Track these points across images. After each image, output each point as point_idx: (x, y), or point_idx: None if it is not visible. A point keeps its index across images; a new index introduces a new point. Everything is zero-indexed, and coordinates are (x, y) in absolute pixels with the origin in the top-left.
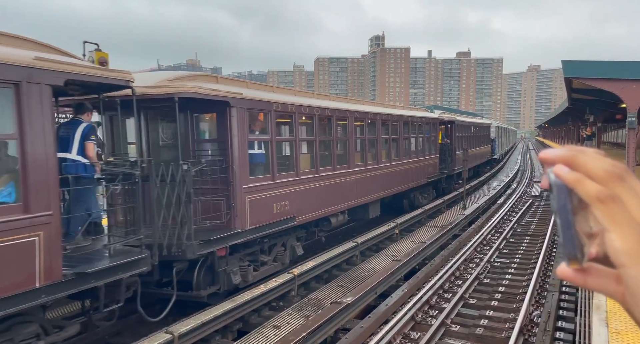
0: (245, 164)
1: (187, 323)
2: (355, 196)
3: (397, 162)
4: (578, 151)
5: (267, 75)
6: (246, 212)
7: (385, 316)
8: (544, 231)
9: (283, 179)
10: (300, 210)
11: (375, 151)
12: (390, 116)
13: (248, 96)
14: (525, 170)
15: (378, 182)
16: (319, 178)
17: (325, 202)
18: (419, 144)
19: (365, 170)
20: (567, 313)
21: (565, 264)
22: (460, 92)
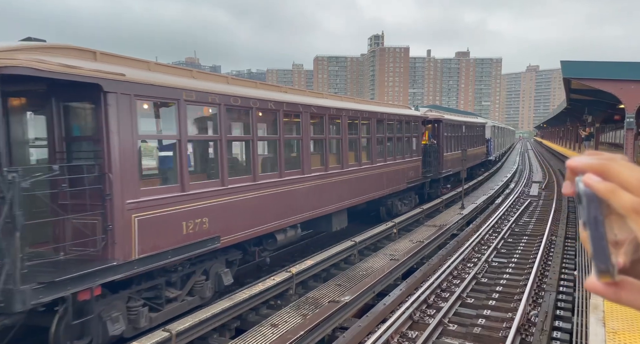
0: (132, 171)
1: (184, 321)
2: (313, 206)
3: (368, 165)
4: (609, 160)
5: (267, 74)
6: (132, 237)
7: (383, 315)
8: (542, 231)
9: (200, 190)
10: (226, 228)
11: (340, 153)
12: (359, 113)
13: (136, 78)
14: (524, 170)
15: (344, 189)
16: (258, 187)
17: (267, 216)
18: (397, 145)
19: (327, 175)
20: (564, 313)
21: (595, 277)
22: (459, 92)
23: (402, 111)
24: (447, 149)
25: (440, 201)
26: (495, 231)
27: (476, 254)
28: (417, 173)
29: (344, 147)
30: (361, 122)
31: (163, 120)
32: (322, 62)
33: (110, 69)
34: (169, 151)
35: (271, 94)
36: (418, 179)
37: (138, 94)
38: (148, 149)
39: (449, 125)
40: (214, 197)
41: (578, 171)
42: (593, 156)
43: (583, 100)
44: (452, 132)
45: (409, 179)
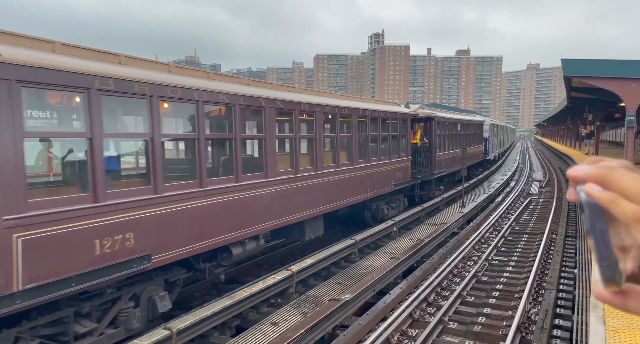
0: (13, 178)
1: (185, 319)
2: (279, 213)
3: (348, 167)
4: (610, 169)
5: (267, 72)
6: (13, 263)
7: (383, 313)
8: (542, 230)
9: (123, 200)
10: (161, 244)
11: (314, 154)
12: (337, 109)
13: (21, 59)
14: (524, 169)
15: (318, 193)
16: (206, 194)
17: (220, 227)
18: (382, 144)
19: (297, 179)
20: (564, 311)
21: (602, 285)
22: (460, 91)
23: (389, 107)
24: (440, 148)
25: (441, 200)
26: (496, 230)
27: (476, 253)
28: (405, 174)
29: (318, 147)
30: (339, 119)
31: (67, 113)
32: (323, 60)
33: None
34: (78, 152)
35: (226, 86)
36: (407, 180)
37: (24, 79)
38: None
39: (441, 123)
40: (143, 207)
41: (579, 181)
42: (593, 164)
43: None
44: (446, 131)
45: (397, 181)
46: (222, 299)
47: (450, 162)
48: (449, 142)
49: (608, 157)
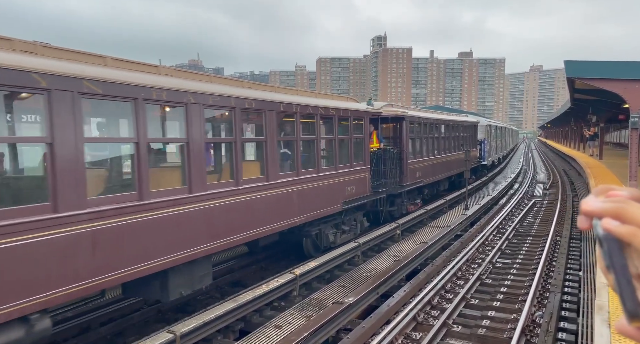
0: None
1: (189, 322)
2: (96, 268)
3: (261, 184)
4: (624, 203)
5: (270, 76)
6: None
7: (387, 317)
8: (546, 232)
9: None
10: None
11: (186, 169)
12: (246, 102)
13: None
14: (528, 171)
15: (195, 226)
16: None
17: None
18: (326, 151)
19: (144, 208)
20: (569, 314)
21: (626, 320)
22: (463, 93)
23: (335, 102)
24: (415, 154)
25: (444, 202)
26: (500, 232)
27: (480, 255)
28: (362, 188)
29: (191, 155)
30: (251, 116)
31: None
32: (325, 63)
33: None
34: None
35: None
36: (364, 196)
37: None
38: None
39: (416, 124)
40: None
41: (594, 215)
42: (603, 194)
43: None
44: (424, 133)
45: (348, 197)
46: (226, 303)
47: (430, 171)
48: (429, 147)
49: (615, 185)
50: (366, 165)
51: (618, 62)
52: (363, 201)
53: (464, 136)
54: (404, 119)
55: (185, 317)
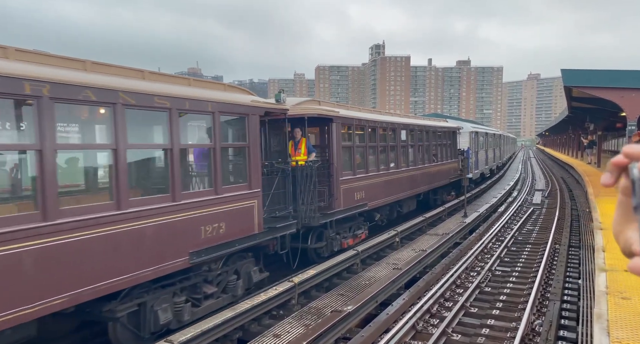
0: None
1: (186, 331)
2: None
3: (61, 222)
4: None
5: (268, 84)
6: None
7: (386, 325)
8: (545, 240)
9: None
10: None
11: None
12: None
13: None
14: (526, 178)
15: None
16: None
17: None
18: (180, 169)
19: None
20: (568, 322)
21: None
22: (461, 101)
23: (199, 92)
24: (355, 168)
25: (443, 210)
26: (499, 240)
27: (479, 263)
28: (242, 225)
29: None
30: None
31: None
32: (324, 71)
33: None
34: None
35: None
36: (246, 237)
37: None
38: None
39: (355, 128)
40: None
41: (633, 158)
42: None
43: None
44: (371, 141)
45: (205, 243)
46: (224, 311)
47: (382, 190)
48: (381, 159)
49: None
50: (253, 188)
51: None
52: (238, 247)
53: (439, 145)
54: (332, 120)
55: (182, 326)
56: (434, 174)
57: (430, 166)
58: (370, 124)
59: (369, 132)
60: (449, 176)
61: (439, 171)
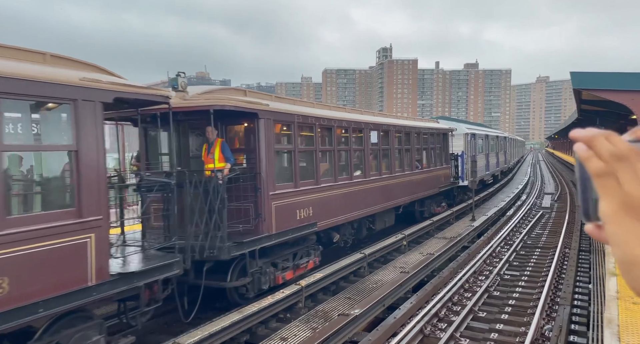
0: None
1: (194, 334)
2: None
3: None
4: (602, 134)
5: (276, 87)
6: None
7: (393, 329)
8: (555, 244)
9: None
10: None
11: None
12: None
13: None
14: (535, 182)
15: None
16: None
17: None
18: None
19: None
20: (579, 327)
21: (585, 221)
22: (469, 104)
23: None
24: (297, 179)
25: (451, 213)
26: (507, 243)
27: (488, 267)
28: (68, 274)
29: None
30: None
31: None
32: (331, 74)
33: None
34: None
35: None
36: (75, 293)
37: None
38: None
39: (297, 127)
40: None
41: (576, 140)
42: (592, 130)
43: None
44: (322, 144)
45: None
46: (231, 314)
47: (341, 204)
48: (341, 166)
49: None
50: (86, 216)
51: (625, 73)
52: (43, 314)
53: (425, 148)
54: (257, 116)
55: (190, 328)
56: (418, 182)
57: (413, 173)
58: (322, 123)
59: (321, 133)
60: (439, 184)
61: (426, 178)
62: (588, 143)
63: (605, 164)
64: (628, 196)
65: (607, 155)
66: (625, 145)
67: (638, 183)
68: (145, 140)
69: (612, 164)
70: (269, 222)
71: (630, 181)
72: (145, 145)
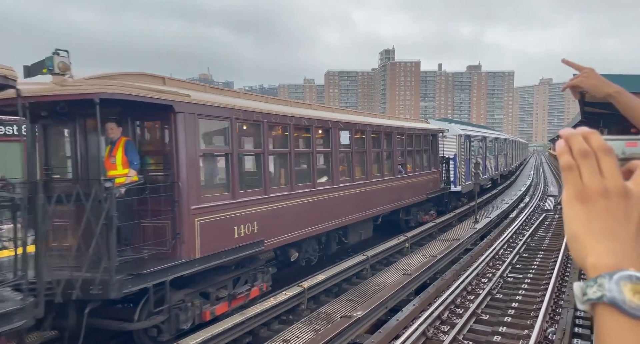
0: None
1: (197, 335)
2: None
3: None
4: (582, 132)
5: (278, 89)
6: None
7: (396, 331)
8: (558, 246)
9: None
10: None
11: None
12: None
13: None
14: (539, 184)
15: None
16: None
17: None
18: None
19: None
20: (582, 331)
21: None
22: (471, 106)
23: None
24: (234, 188)
25: (453, 215)
26: (510, 246)
27: (491, 270)
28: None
29: None
30: None
31: None
32: (334, 76)
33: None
34: None
35: None
36: None
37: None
38: None
39: (235, 123)
40: None
41: (560, 137)
42: (574, 129)
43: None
44: (273, 145)
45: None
46: (233, 316)
47: (300, 216)
48: (301, 172)
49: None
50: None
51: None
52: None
53: (411, 151)
54: (172, 109)
55: (193, 330)
56: (402, 189)
57: (395, 179)
58: (273, 121)
59: (270, 132)
60: (427, 191)
61: (411, 184)
62: (567, 140)
63: (573, 160)
64: (584, 187)
65: (576, 151)
66: (598, 143)
67: (593, 177)
68: (44, 140)
69: (578, 160)
70: (190, 244)
71: (588, 174)
72: (45, 147)
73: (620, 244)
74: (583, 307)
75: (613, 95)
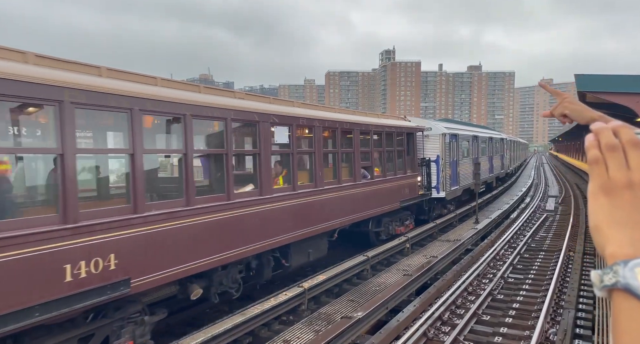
0: None
1: (197, 336)
2: None
3: None
4: (606, 127)
5: (279, 90)
6: None
7: (396, 332)
8: (559, 247)
9: None
10: None
11: None
12: None
13: None
14: (539, 184)
15: None
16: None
17: None
18: None
19: None
20: (584, 332)
21: None
22: (472, 106)
23: None
24: (70, 207)
25: (454, 216)
26: (511, 246)
27: (491, 270)
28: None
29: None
30: None
31: None
32: (334, 77)
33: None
34: None
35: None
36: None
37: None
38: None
39: (59, 108)
40: None
41: (592, 131)
42: (606, 123)
43: None
44: (155, 143)
45: None
46: (234, 316)
47: (204, 239)
48: (215, 180)
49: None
50: None
51: (630, 76)
52: None
53: (381, 151)
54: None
55: (193, 331)
56: (367, 197)
57: (356, 185)
58: (156, 108)
59: (159, 124)
60: (401, 198)
61: (380, 191)
62: (596, 134)
63: (600, 153)
64: (609, 180)
65: (603, 145)
66: (627, 136)
67: (619, 169)
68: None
69: (605, 153)
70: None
71: (614, 167)
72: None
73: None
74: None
75: (597, 119)
